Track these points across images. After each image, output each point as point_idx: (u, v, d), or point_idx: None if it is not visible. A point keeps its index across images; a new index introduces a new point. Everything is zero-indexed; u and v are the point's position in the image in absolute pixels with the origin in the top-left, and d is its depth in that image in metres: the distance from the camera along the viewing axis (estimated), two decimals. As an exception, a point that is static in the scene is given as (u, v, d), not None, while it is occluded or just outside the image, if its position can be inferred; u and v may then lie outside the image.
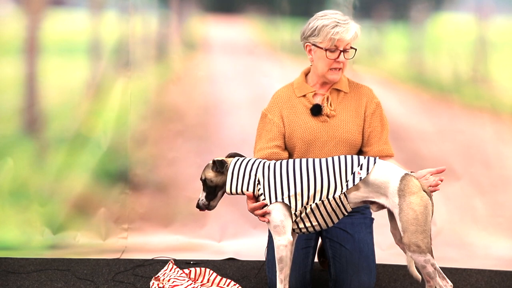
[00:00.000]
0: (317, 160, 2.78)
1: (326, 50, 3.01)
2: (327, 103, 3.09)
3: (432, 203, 2.68)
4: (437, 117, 4.19)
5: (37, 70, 4.18)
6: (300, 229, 2.79)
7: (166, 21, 4.22)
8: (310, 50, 3.08)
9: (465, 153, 4.18)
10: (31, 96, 4.20)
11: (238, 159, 2.86)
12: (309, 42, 3.06)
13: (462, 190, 4.18)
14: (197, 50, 4.24)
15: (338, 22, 2.98)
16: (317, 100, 3.12)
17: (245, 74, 4.26)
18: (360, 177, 2.69)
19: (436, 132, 4.19)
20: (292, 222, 2.77)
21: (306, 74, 3.19)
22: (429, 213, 2.64)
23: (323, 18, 3.01)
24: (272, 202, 2.75)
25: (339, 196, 2.71)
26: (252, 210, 2.83)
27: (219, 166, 2.82)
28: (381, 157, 3.04)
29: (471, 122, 4.18)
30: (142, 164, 4.25)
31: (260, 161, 2.83)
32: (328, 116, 3.08)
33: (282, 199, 2.74)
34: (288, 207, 2.75)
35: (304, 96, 3.12)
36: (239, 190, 2.82)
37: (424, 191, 2.66)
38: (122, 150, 4.23)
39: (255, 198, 2.81)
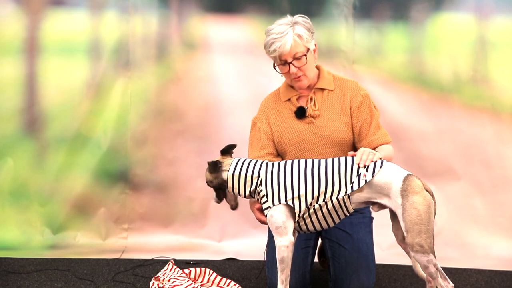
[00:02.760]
0: (323, 161, 2.77)
1: (275, 66, 3.05)
2: (310, 104, 3.09)
3: (435, 203, 2.68)
4: (437, 117, 4.19)
5: (37, 70, 4.19)
6: (300, 227, 2.79)
7: (166, 21, 4.22)
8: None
9: (465, 153, 4.18)
10: (31, 96, 4.21)
11: (239, 160, 2.86)
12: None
13: (462, 190, 4.18)
14: (197, 50, 4.25)
15: (275, 38, 2.96)
16: (302, 102, 3.12)
17: (245, 74, 4.27)
18: (366, 180, 2.67)
19: (436, 132, 4.18)
20: (294, 222, 2.77)
21: None
22: (432, 212, 2.64)
23: (266, 36, 3.01)
24: (275, 204, 2.75)
25: (343, 198, 2.71)
26: (260, 219, 2.88)
27: (212, 168, 2.83)
28: (373, 148, 3.02)
29: (471, 122, 4.17)
30: (142, 164, 4.25)
31: (262, 162, 2.83)
32: (313, 117, 3.07)
33: (286, 201, 2.74)
34: (290, 208, 2.74)
35: (289, 100, 3.12)
36: (241, 192, 2.83)
37: (427, 190, 2.66)
38: (122, 150, 4.23)
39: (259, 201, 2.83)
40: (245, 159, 2.86)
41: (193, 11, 4.23)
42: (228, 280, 3.33)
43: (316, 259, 3.29)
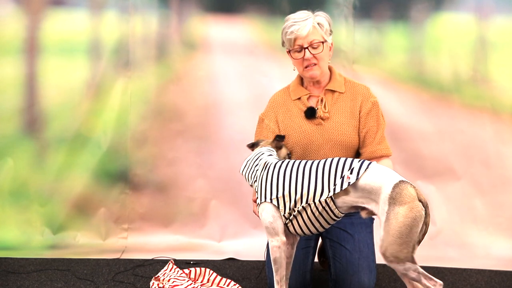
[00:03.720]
0: (309, 162, 2.75)
1: (290, 51, 3.04)
2: (321, 105, 3.08)
3: (428, 214, 2.53)
4: (437, 117, 4.19)
5: (37, 70, 4.19)
6: (288, 229, 2.78)
7: (166, 21, 4.22)
8: (291, 57, 3.10)
9: (465, 153, 4.18)
10: (31, 96, 4.21)
11: (260, 150, 2.91)
12: (287, 49, 3.09)
13: (462, 190, 4.18)
14: (197, 50, 4.25)
15: (295, 22, 3.00)
16: (312, 102, 3.11)
17: (245, 74, 4.27)
18: (349, 182, 2.61)
19: (436, 132, 4.19)
20: (284, 224, 2.76)
21: (302, 77, 3.18)
22: (416, 225, 2.47)
23: (285, 22, 3.04)
24: (262, 201, 2.76)
25: (325, 200, 2.66)
26: (255, 212, 2.94)
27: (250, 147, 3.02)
28: (375, 157, 3.04)
29: (471, 122, 4.18)
30: (142, 164, 4.25)
31: (266, 161, 2.84)
32: (322, 119, 3.07)
33: (270, 199, 2.74)
34: (278, 208, 2.74)
35: (299, 99, 3.12)
36: (247, 179, 2.89)
37: (420, 200, 2.51)
38: (122, 150, 4.23)
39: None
40: (260, 152, 2.89)
41: (193, 11, 4.23)
42: (228, 280, 3.33)
43: (316, 259, 3.29)
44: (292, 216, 2.72)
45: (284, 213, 2.72)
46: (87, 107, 4.21)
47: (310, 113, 3.07)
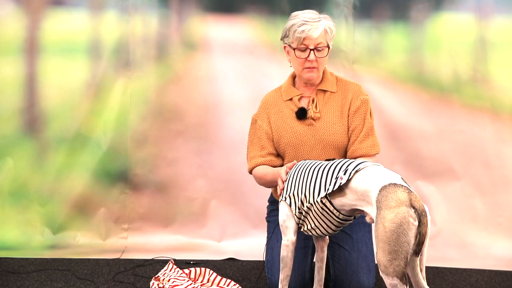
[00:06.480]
0: (318, 163, 2.75)
1: (295, 49, 3.01)
2: (312, 106, 3.07)
3: (424, 223, 2.34)
4: (437, 117, 4.19)
5: (37, 70, 4.19)
6: (304, 231, 2.78)
7: (166, 21, 4.22)
8: (287, 52, 3.08)
9: (465, 153, 4.18)
10: (31, 96, 4.21)
11: None
12: (285, 43, 3.06)
13: (462, 190, 4.18)
14: (197, 50, 4.24)
15: (306, 21, 2.97)
16: (303, 103, 3.10)
17: (245, 74, 4.26)
18: (341, 183, 2.56)
19: (436, 132, 4.18)
20: (298, 224, 2.76)
21: (294, 77, 3.17)
22: (403, 233, 2.30)
23: (294, 18, 3.01)
24: (280, 199, 2.78)
25: (321, 200, 2.63)
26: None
27: None
28: (355, 156, 3.00)
29: (471, 122, 4.18)
30: (142, 164, 4.25)
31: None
32: (313, 119, 3.06)
33: (285, 198, 2.75)
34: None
35: (291, 99, 3.11)
36: None
37: (414, 207, 2.33)
38: (122, 150, 4.23)
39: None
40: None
41: (193, 11, 4.23)
42: (228, 280, 3.33)
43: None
44: (302, 216, 2.72)
45: (295, 212, 2.72)
46: (87, 107, 4.21)
47: (301, 114, 3.06)
